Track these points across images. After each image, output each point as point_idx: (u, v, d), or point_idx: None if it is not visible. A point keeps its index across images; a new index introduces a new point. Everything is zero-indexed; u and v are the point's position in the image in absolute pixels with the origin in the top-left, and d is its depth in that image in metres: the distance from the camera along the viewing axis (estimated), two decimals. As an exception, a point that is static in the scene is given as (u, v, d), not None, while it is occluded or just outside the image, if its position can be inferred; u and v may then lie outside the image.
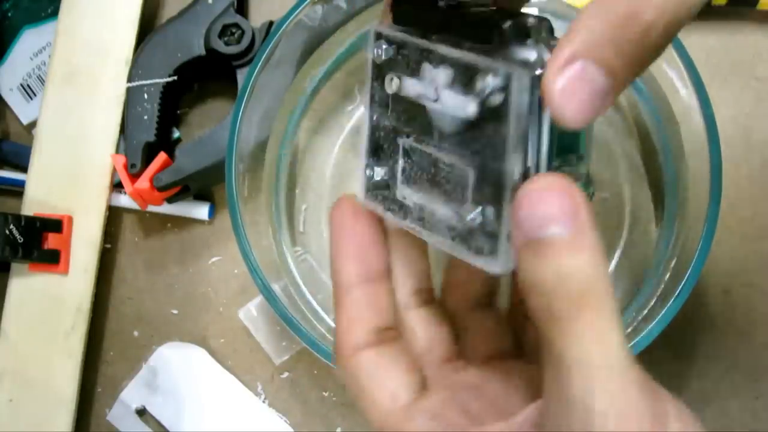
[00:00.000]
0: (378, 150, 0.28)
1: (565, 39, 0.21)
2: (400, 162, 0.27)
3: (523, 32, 0.24)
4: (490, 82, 0.23)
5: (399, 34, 0.26)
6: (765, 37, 0.49)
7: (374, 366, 0.26)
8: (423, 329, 0.29)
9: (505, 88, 0.23)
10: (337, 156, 0.49)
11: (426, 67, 0.25)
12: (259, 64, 0.44)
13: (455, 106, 0.24)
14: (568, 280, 0.21)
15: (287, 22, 0.45)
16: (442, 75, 0.25)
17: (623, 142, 0.46)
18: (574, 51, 0.21)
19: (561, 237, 0.21)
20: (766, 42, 0.49)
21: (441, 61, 0.25)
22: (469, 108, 0.23)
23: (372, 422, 0.26)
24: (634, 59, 0.21)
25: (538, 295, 0.22)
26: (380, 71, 0.27)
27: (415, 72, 0.26)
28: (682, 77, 0.41)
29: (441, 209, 0.26)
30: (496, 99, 0.23)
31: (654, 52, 0.22)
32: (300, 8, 0.45)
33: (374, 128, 0.28)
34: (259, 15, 0.53)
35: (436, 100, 0.25)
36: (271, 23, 0.50)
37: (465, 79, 0.24)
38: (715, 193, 0.39)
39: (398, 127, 0.27)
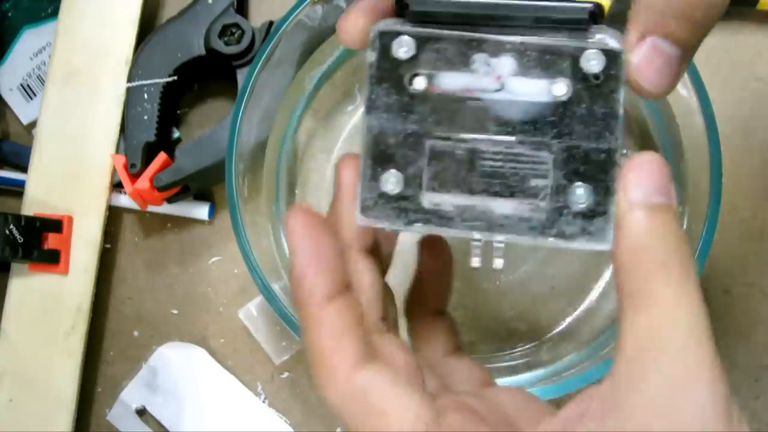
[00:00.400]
0: (387, 160, 0.25)
1: (633, 19, 0.24)
2: (426, 167, 0.25)
3: (593, 17, 0.24)
4: (591, 60, 0.24)
5: (424, 30, 0.25)
6: (765, 37, 0.49)
7: (385, 382, 0.24)
8: (402, 352, 0.27)
9: (606, 66, 0.24)
10: (337, 156, 0.49)
11: (479, 57, 0.25)
12: (259, 64, 0.44)
13: (534, 91, 0.24)
14: (675, 241, 0.23)
15: (287, 22, 0.45)
16: (507, 63, 0.24)
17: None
18: (642, 30, 0.24)
19: (666, 204, 0.23)
20: (766, 42, 0.49)
21: (500, 49, 0.24)
22: (559, 90, 0.24)
23: None
24: (696, 26, 0.24)
25: (648, 252, 0.22)
26: (393, 72, 0.25)
27: (456, 65, 0.25)
28: (684, 82, 0.41)
29: (503, 205, 0.25)
30: (595, 77, 0.24)
31: (715, 16, 0.24)
32: (300, 8, 0.45)
33: (378, 137, 0.25)
34: (259, 15, 0.53)
35: (498, 90, 0.24)
36: (271, 23, 0.50)
37: (542, 64, 0.24)
38: (715, 193, 0.39)
39: (423, 129, 0.25)
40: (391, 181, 0.25)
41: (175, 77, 0.49)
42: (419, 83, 0.25)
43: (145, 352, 0.50)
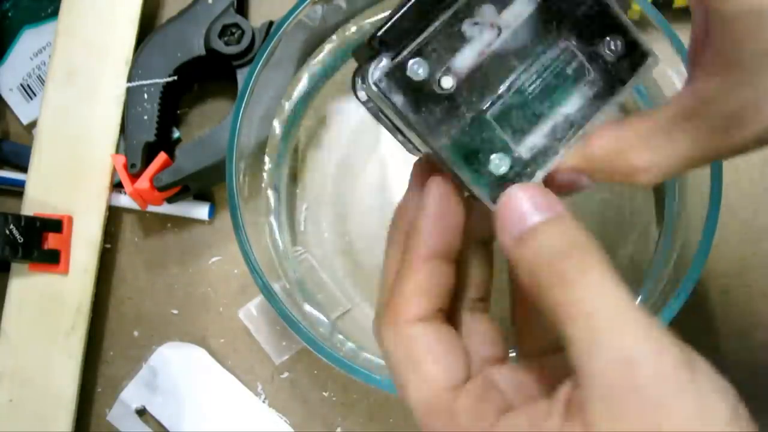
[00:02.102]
0: (476, 154, 0.26)
1: (567, 157, 0.28)
2: (503, 132, 0.27)
3: None
4: None
5: (414, 42, 0.25)
6: (765, 38, 0.49)
7: (434, 340, 0.26)
8: (478, 330, 0.29)
9: None
10: (337, 155, 0.49)
11: (465, 24, 0.25)
12: (259, 64, 0.44)
13: (522, 10, 0.26)
14: (563, 242, 0.24)
15: (287, 22, 0.45)
16: (487, 10, 0.26)
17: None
18: (569, 167, 0.28)
19: (542, 220, 0.24)
20: (766, 42, 0.49)
21: (472, 5, 0.25)
22: None
23: (413, 398, 0.25)
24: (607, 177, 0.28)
25: (541, 272, 0.23)
26: (421, 93, 0.25)
27: (457, 45, 0.26)
28: (682, 77, 0.41)
29: (571, 102, 0.27)
30: None
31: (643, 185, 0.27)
32: (300, 8, 0.45)
33: (454, 147, 0.26)
34: (259, 15, 0.53)
35: (500, 33, 0.26)
36: (271, 23, 0.50)
37: None
38: (715, 193, 0.39)
39: (477, 109, 0.26)
40: (496, 163, 0.27)
41: (175, 77, 0.49)
42: (447, 82, 0.26)
43: (145, 352, 0.50)
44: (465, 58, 0.26)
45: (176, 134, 0.52)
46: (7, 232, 0.46)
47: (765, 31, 0.23)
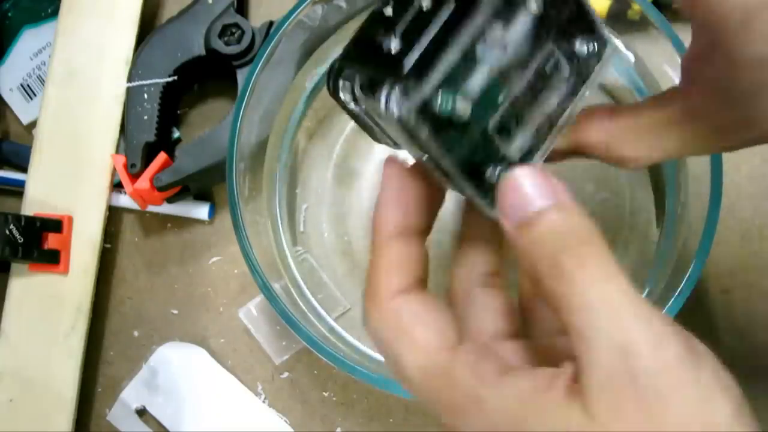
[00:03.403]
0: (477, 170, 0.26)
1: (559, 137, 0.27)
2: (500, 143, 0.27)
3: None
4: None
5: (436, 73, 0.25)
6: (765, 37, 0.49)
7: (419, 307, 0.26)
8: (490, 305, 0.28)
9: None
10: (337, 155, 0.49)
11: (479, 50, 0.25)
12: (259, 64, 0.44)
13: (524, 27, 0.26)
14: (565, 232, 0.23)
15: (287, 22, 0.45)
16: (496, 33, 0.25)
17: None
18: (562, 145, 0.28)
19: (544, 207, 0.24)
20: (766, 42, 0.49)
21: (480, 32, 0.25)
22: (532, 6, 0.26)
23: (410, 368, 0.25)
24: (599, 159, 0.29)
25: (542, 262, 0.23)
26: (440, 122, 0.25)
27: (470, 73, 0.25)
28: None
29: (551, 101, 0.27)
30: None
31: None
32: (300, 8, 0.45)
33: (462, 164, 0.26)
34: (259, 15, 0.53)
35: (506, 50, 0.26)
36: (271, 23, 0.50)
37: (507, 9, 0.25)
38: (715, 193, 0.39)
39: (483, 124, 0.26)
40: (489, 173, 0.27)
41: (175, 77, 0.49)
42: (464, 108, 0.25)
43: (145, 352, 0.50)
44: (477, 81, 0.25)
45: (176, 134, 0.52)
46: (7, 232, 0.46)
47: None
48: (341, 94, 0.27)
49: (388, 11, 0.25)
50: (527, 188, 0.24)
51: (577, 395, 0.22)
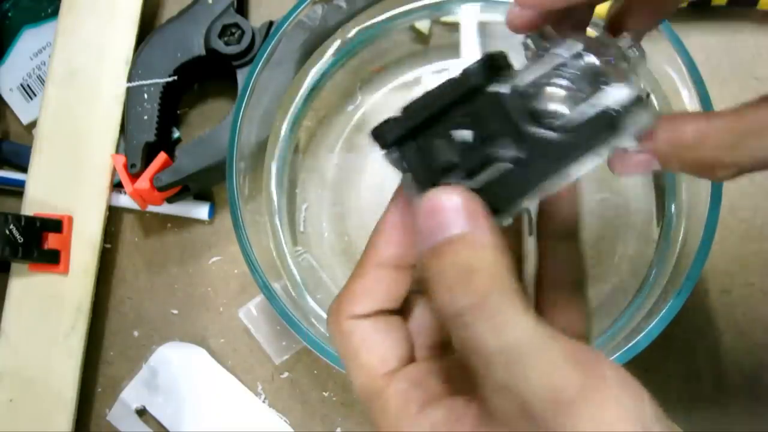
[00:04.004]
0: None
1: (646, 137, 0.25)
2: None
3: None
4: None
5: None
6: (765, 37, 0.49)
7: (370, 331, 0.27)
8: (422, 312, 0.29)
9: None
10: (337, 155, 0.49)
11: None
12: (259, 64, 0.44)
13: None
14: (467, 268, 0.23)
15: (287, 22, 0.45)
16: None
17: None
18: (648, 148, 0.26)
19: (460, 235, 0.23)
20: (766, 42, 0.49)
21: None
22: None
23: (355, 384, 0.27)
24: (689, 171, 0.26)
25: (445, 293, 0.23)
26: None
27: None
28: (682, 77, 0.41)
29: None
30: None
31: (712, 177, 0.26)
32: (300, 8, 0.45)
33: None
34: (259, 15, 0.53)
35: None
36: (271, 23, 0.50)
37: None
38: (715, 193, 0.39)
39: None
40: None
41: (175, 77, 0.49)
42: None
43: (145, 352, 0.50)
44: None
45: (176, 134, 0.52)
46: (7, 232, 0.46)
47: None
48: (388, 155, 0.27)
49: (465, 135, 0.25)
50: (442, 213, 0.24)
51: (485, 424, 0.23)
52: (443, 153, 0.25)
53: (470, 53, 0.48)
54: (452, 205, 0.24)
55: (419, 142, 0.26)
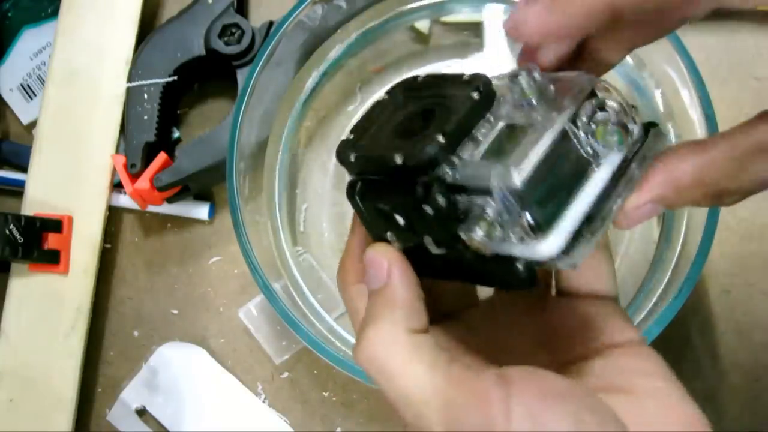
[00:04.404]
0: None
1: (648, 185, 0.26)
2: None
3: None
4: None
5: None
6: (765, 37, 0.49)
7: (363, 294, 0.29)
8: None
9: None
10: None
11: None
12: (260, 64, 0.44)
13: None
14: (375, 319, 0.26)
15: (287, 22, 0.45)
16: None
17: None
18: (653, 198, 0.26)
19: (378, 289, 0.27)
20: (766, 42, 0.49)
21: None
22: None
23: (371, 344, 0.27)
24: (692, 203, 0.26)
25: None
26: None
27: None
28: (682, 77, 0.41)
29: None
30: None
31: (708, 205, 0.26)
32: (300, 8, 0.45)
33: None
34: (259, 15, 0.53)
35: None
36: (271, 23, 0.50)
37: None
38: (715, 193, 0.39)
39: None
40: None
41: (175, 77, 0.49)
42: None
43: (145, 352, 0.50)
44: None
45: (176, 134, 0.52)
46: (7, 232, 0.46)
47: None
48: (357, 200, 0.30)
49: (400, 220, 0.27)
50: (374, 266, 0.27)
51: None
52: (383, 226, 0.28)
53: (494, 53, 0.48)
54: (380, 263, 0.27)
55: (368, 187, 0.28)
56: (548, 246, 0.24)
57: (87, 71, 0.51)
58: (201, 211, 0.51)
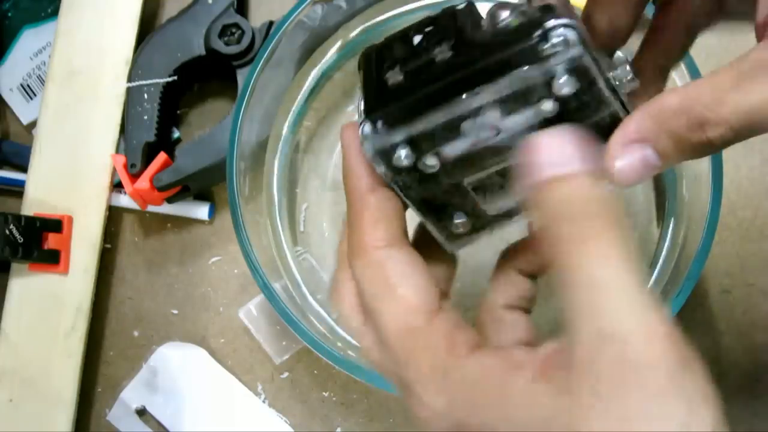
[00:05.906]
0: (444, 210, 0.28)
1: (633, 121, 0.25)
2: (477, 197, 0.28)
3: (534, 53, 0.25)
4: (563, 87, 0.24)
5: (411, 128, 0.26)
6: (765, 37, 0.49)
7: (406, 262, 0.26)
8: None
9: (579, 83, 0.24)
10: (337, 155, 0.49)
11: (467, 125, 0.25)
12: (260, 64, 0.44)
13: (527, 119, 0.25)
14: (577, 203, 0.23)
15: (287, 22, 0.45)
16: (492, 115, 0.25)
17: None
18: (638, 136, 0.25)
19: (563, 174, 0.23)
20: (766, 42, 0.49)
21: (479, 111, 0.25)
22: (546, 108, 0.25)
23: (386, 320, 0.25)
24: (688, 151, 0.25)
25: (549, 228, 0.23)
26: (405, 174, 0.27)
27: (449, 140, 0.26)
28: (683, 77, 0.41)
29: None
30: (568, 87, 0.24)
31: (710, 152, 0.25)
32: (300, 8, 0.45)
33: (426, 202, 0.28)
34: (259, 15, 0.53)
35: (498, 134, 0.25)
36: (271, 23, 0.50)
37: (522, 98, 0.25)
38: (715, 193, 0.39)
39: (457, 180, 0.27)
40: (456, 223, 0.28)
41: (175, 77, 0.49)
42: (431, 162, 0.26)
43: (145, 352, 0.50)
44: (455, 148, 0.26)
45: (176, 134, 0.52)
46: (7, 232, 0.46)
47: None
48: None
49: (416, 40, 0.27)
50: (551, 153, 0.23)
51: (547, 377, 0.22)
52: (394, 52, 0.27)
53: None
54: (562, 142, 0.24)
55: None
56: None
57: (87, 71, 0.51)
58: (201, 211, 0.51)
